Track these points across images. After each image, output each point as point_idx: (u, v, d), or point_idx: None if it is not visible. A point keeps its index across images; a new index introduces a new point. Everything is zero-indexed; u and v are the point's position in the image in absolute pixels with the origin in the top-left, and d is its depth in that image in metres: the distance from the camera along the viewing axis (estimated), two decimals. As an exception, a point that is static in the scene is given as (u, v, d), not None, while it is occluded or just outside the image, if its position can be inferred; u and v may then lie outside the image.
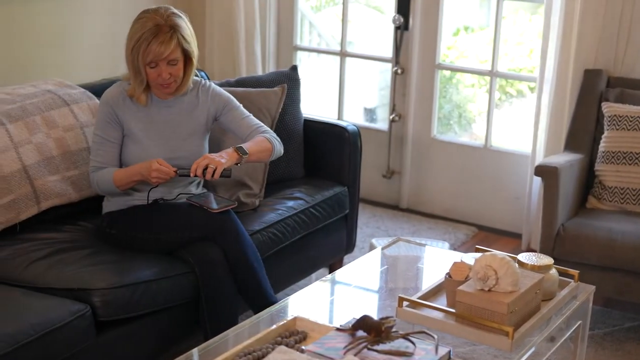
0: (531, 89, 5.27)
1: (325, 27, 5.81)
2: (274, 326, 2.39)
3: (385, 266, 3.11)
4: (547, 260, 2.72)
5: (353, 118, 5.54)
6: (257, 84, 3.97)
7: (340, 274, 3.04)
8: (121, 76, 3.37)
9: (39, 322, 2.67)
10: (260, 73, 5.21)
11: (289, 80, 4.00)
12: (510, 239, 4.83)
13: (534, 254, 2.76)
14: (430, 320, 2.50)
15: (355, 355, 2.20)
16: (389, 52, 5.16)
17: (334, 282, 2.98)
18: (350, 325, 2.33)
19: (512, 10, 5.22)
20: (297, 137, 4.00)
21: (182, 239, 3.17)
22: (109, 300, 2.89)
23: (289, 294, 3.25)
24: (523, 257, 2.73)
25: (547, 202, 3.74)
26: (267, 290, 3.18)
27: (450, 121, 5.54)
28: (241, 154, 3.21)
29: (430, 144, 5.14)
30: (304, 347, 2.27)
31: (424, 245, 3.30)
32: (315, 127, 4.08)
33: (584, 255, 3.66)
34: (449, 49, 5.45)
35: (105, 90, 3.33)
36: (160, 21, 3.15)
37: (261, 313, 2.65)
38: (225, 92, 3.46)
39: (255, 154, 3.28)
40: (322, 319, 2.52)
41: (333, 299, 2.92)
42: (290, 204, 3.70)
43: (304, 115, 4.08)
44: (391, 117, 5.17)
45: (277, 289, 3.48)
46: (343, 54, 5.31)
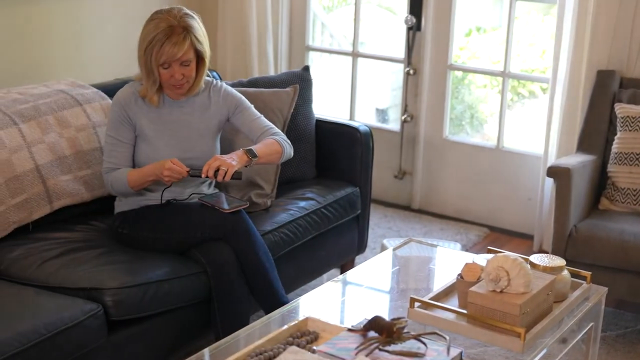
0: (543, 90, 5.26)
1: (337, 28, 5.81)
2: (286, 326, 2.39)
3: (396, 267, 3.11)
4: (560, 261, 2.71)
5: (365, 118, 5.53)
6: (270, 84, 3.97)
7: (351, 274, 3.03)
8: (133, 76, 3.38)
9: (51, 321, 2.68)
10: (272, 73, 5.22)
11: (301, 80, 4.00)
12: (522, 240, 4.82)
13: (546, 255, 2.75)
14: (442, 321, 2.49)
15: (366, 356, 2.20)
16: (401, 53, 5.16)
17: (345, 283, 2.98)
18: (361, 326, 2.33)
19: (525, 11, 5.20)
20: (309, 138, 4.00)
21: (194, 239, 3.18)
22: (121, 299, 2.90)
23: (300, 295, 3.25)
24: (535, 259, 2.72)
25: (560, 204, 3.73)
26: (279, 291, 3.18)
27: (462, 122, 5.53)
28: (251, 156, 3.21)
29: (442, 144, 5.13)
30: (315, 348, 2.27)
31: (436, 246, 3.30)
32: (327, 128, 4.08)
33: (597, 257, 3.65)
34: (461, 50, 5.44)
35: (117, 91, 3.33)
36: (173, 22, 3.15)
37: (272, 313, 2.65)
38: (237, 93, 3.46)
39: (265, 156, 3.28)
40: (334, 319, 2.52)
41: (344, 299, 2.91)
42: (302, 204, 3.70)
43: (315, 115, 4.08)
44: (403, 118, 5.17)
45: (289, 289, 3.48)
46: (355, 55, 5.31)
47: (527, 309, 2.42)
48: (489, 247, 2.98)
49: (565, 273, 2.71)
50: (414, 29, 5.02)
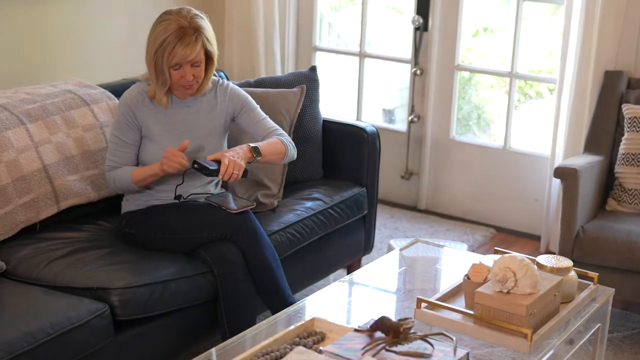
0: (550, 91, 5.25)
1: (344, 28, 5.81)
2: (292, 327, 2.39)
3: (403, 267, 3.11)
4: (566, 262, 2.71)
5: (372, 119, 5.53)
6: (276, 84, 3.97)
7: (358, 274, 3.03)
8: (139, 76, 3.38)
9: (58, 321, 2.68)
10: (279, 74, 5.22)
11: (308, 81, 4.00)
12: (529, 241, 4.82)
13: (553, 256, 2.75)
14: (449, 322, 2.49)
15: (373, 356, 2.20)
16: (408, 53, 5.16)
17: (352, 283, 2.98)
18: (368, 326, 2.33)
19: (532, 11, 5.20)
20: (316, 138, 4.00)
21: (201, 239, 3.18)
22: (128, 299, 2.90)
23: (307, 295, 3.25)
24: (542, 259, 2.72)
25: (567, 204, 3.73)
26: (285, 291, 3.18)
27: (469, 122, 5.53)
28: (255, 154, 3.21)
29: (449, 145, 5.13)
30: (322, 348, 2.27)
31: (443, 246, 3.30)
32: (334, 128, 4.08)
33: (604, 258, 3.65)
34: (468, 50, 5.43)
35: (124, 91, 3.34)
36: (184, 23, 3.14)
37: (279, 313, 2.65)
38: (243, 92, 3.46)
39: (268, 155, 3.28)
40: (340, 319, 2.52)
41: (351, 299, 2.91)
42: (308, 204, 3.70)
43: (322, 116, 4.08)
44: (410, 118, 5.17)
45: (295, 290, 3.48)
46: (362, 55, 5.31)
47: (534, 310, 2.42)
48: (495, 248, 2.98)
49: (572, 274, 2.70)
50: (421, 29, 5.02)
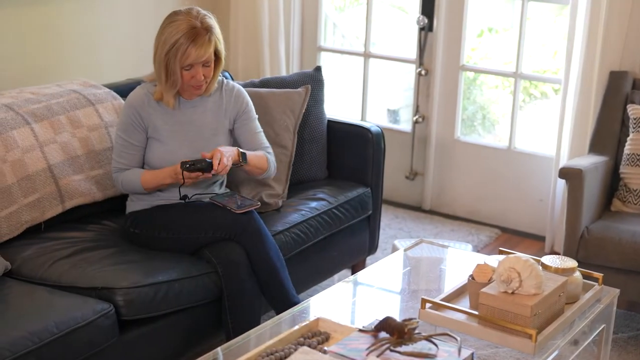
0: (555, 91, 5.24)
1: (349, 28, 5.81)
2: (297, 327, 2.40)
3: (407, 268, 3.11)
4: (571, 263, 2.71)
5: (376, 119, 5.53)
6: (281, 84, 3.97)
7: (362, 275, 3.03)
8: (144, 77, 3.37)
9: (63, 321, 2.69)
10: (284, 74, 5.22)
11: (312, 81, 4.00)
12: (534, 242, 4.81)
13: (557, 256, 2.75)
14: (453, 322, 2.49)
15: (377, 356, 2.20)
16: (412, 53, 5.16)
17: (356, 283, 2.98)
18: (372, 327, 2.33)
19: (537, 11, 5.19)
20: (321, 138, 4.00)
21: (206, 239, 3.18)
22: (132, 299, 2.90)
23: (311, 295, 3.25)
24: (547, 260, 2.72)
25: (571, 205, 3.72)
26: (290, 291, 3.18)
27: (473, 123, 5.52)
28: (241, 160, 3.22)
29: (454, 145, 5.13)
30: (326, 348, 2.27)
31: (447, 247, 3.29)
32: (338, 128, 4.08)
33: (608, 258, 3.64)
34: (473, 51, 5.43)
35: (130, 92, 3.34)
36: (196, 23, 3.14)
37: (283, 313, 2.65)
38: (248, 97, 3.45)
39: (252, 166, 3.32)
40: (345, 320, 2.52)
41: (355, 300, 2.91)
42: (313, 204, 3.71)
43: (327, 116, 4.08)
44: (415, 119, 5.16)
45: (300, 290, 3.49)
46: (367, 55, 5.31)
47: (539, 311, 2.42)
48: (500, 248, 2.98)
49: (577, 275, 2.70)
50: (426, 29, 5.02)
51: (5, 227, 3.15)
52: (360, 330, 2.34)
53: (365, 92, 5.38)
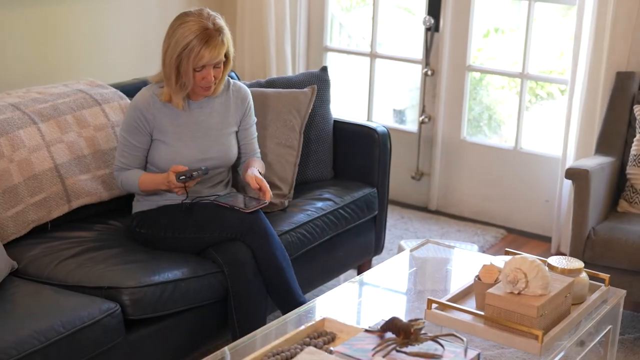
0: (561, 92, 5.24)
1: (355, 28, 5.81)
2: (303, 327, 2.39)
3: (413, 268, 3.11)
4: (578, 263, 2.70)
5: (382, 119, 5.53)
6: (288, 84, 3.97)
7: (368, 275, 3.03)
8: (150, 78, 3.37)
9: (69, 320, 2.69)
10: (290, 74, 5.22)
11: (319, 81, 4.00)
12: (540, 242, 4.81)
13: (564, 257, 2.75)
14: (459, 323, 2.49)
15: (383, 357, 2.20)
16: (419, 54, 5.16)
17: (362, 284, 2.98)
18: (379, 327, 2.33)
19: (543, 12, 5.18)
20: (327, 138, 4.00)
21: (212, 239, 3.18)
22: (139, 299, 2.90)
23: (317, 295, 3.25)
24: (553, 261, 2.72)
25: (578, 205, 3.72)
26: (296, 291, 3.18)
27: (480, 123, 5.52)
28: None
29: (460, 145, 5.12)
30: (332, 348, 2.27)
31: (453, 247, 3.29)
32: (344, 128, 4.08)
33: (615, 259, 3.64)
34: (479, 51, 5.42)
35: (136, 91, 3.34)
36: (208, 25, 3.13)
37: (289, 313, 2.65)
38: (251, 101, 3.46)
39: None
40: (351, 320, 2.52)
41: (361, 300, 2.91)
42: (319, 204, 3.71)
43: (333, 116, 4.08)
44: (421, 119, 5.16)
45: (306, 290, 3.48)
46: (373, 55, 5.31)
47: (545, 311, 2.42)
48: (506, 249, 2.98)
49: (584, 275, 2.70)
50: (432, 29, 5.02)
51: (11, 227, 3.15)
52: (366, 331, 2.34)
53: (372, 93, 5.38)
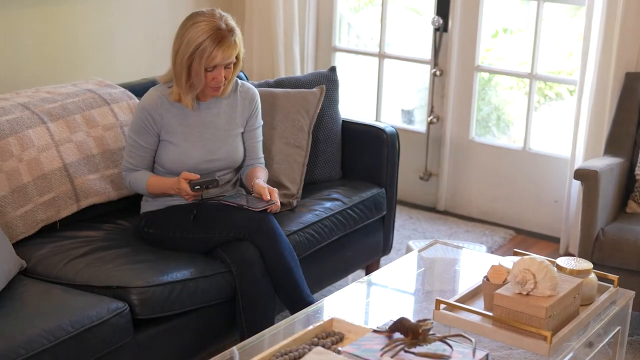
0: (570, 92, 5.23)
1: (363, 29, 5.81)
2: (311, 327, 2.39)
3: (422, 268, 3.11)
4: (586, 264, 2.70)
5: (391, 120, 5.53)
6: (296, 84, 3.97)
7: (376, 275, 3.03)
8: (158, 78, 3.37)
9: (78, 319, 2.69)
10: (298, 74, 5.22)
11: (327, 81, 4.00)
12: (548, 243, 4.80)
13: (572, 258, 2.74)
14: (468, 324, 2.48)
15: (392, 357, 2.20)
16: (427, 54, 5.15)
17: (370, 284, 2.98)
18: (387, 327, 2.33)
19: (552, 12, 5.18)
20: (335, 138, 4.00)
21: (220, 239, 3.18)
22: (147, 298, 2.91)
23: (325, 295, 3.25)
24: (562, 261, 2.71)
25: (587, 206, 3.71)
26: (304, 291, 3.18)
27: (488, 123, 5.51)
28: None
29: (468, 146, 5.12)
30: (340, 349, 2.27)
31: (461, 247, 3.29)
32: (353, 129, 4.08)
33: (624, 260, 3.63)
34: (487, 51, 5.42)
35: (145, 91, 3.34)
36: (220, 25, 3.13)
37: (298, 313, 2.65)
38: (259, 103, 3.46)
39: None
40: (359, 320, 2.52)
41: (369, 300, 2.91)
42: (327, 205, 3.71)
43: (342, 116, 4.08)
44: (429, 119, 5.16)
45: (314, 290, 3.48)
46: (381, 56, 5.30)
47: (554, 312, 2.41)
48: (515, 250, 2.97)
49: (592, 276, 2.69)
50: (441, 30, 5.01)
51: (20, 226, 3.16)
52: (374, 331, 2.34)
53: (380, 93, 5.37)
